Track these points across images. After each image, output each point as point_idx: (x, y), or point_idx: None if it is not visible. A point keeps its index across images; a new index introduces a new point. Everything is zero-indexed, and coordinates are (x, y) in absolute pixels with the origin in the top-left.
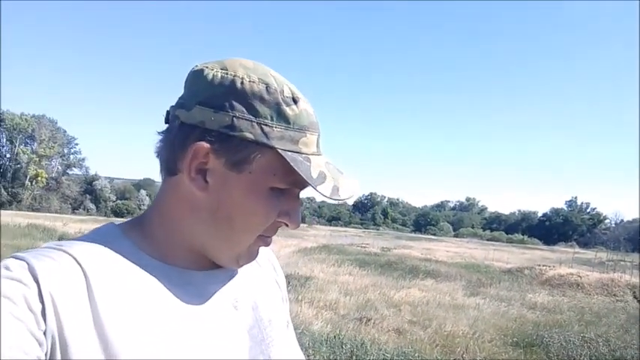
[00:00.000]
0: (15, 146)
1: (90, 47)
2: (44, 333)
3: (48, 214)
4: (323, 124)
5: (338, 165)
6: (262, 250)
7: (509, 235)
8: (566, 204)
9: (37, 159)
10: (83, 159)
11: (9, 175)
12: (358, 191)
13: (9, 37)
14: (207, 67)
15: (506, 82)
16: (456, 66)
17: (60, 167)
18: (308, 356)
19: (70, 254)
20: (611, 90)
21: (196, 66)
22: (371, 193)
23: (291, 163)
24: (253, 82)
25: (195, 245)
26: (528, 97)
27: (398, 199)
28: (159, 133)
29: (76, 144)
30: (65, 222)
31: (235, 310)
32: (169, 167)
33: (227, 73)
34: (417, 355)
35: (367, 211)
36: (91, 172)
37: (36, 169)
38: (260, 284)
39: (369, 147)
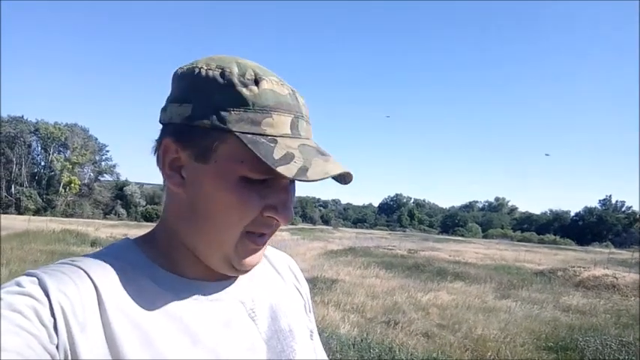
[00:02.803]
0: (49, 154)
1: (119, 56)
2: (57, 347)
3: (81, 219)
4: (346, 126)
5: (324, 149)
6: (282, 257)
7: (541, 236)
8: (599, 203)
9: (70, 166)
10: (114, 165)
11: (44, 182)
12: (336, 172)
13: (40, 49)
14: (180, 67)
15: (535, 79)
16: (483, 64)
17: (92, 174)
18: None
19: (81, 268)
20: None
21: None
22: (397, 195)
23: (249, 145)
24: (209, 69)
25: (191, 250)
26: (558, 94)
27: (424, 200)
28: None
29: (107, 151)
30: (97, 227)
31: (252, 321)
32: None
33: (191, 67)
34: (446, 359)
35: (393, 213)
36: (122, 178)
37: (69, 176)
38: (279, 293)
39: (394, 147)
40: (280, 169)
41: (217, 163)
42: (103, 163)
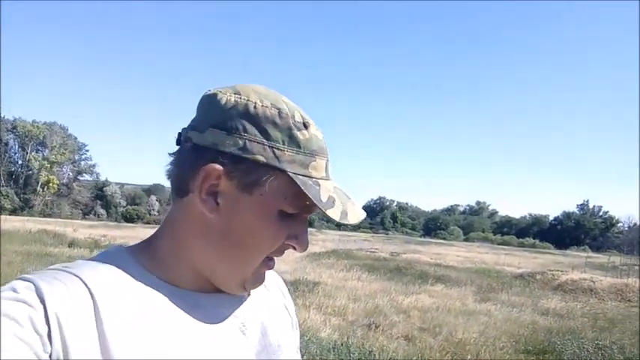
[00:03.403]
0: (27, 153)
1: (100, 55)
2: (50, 355)
3: (59, 219)
4: (331, 128)
5: (345, 190)
6: (270, 275)
7: (521, 240)
8: (577, 207)
9: (49, 165)
10: (94, 165)
11: (21, 181)
12: (363, 216)
13: (20, 46)
14: (220, 92)
15: (515, 84)
16: (464, 68)
17: (71, 173)
18: None
19: (77, 276)
20: (624, 91)
21: (209, 90)
22: (380, 197)
23: (302, 187)
24: (266, 106)
25: (203, 268)
26: (538, 99)
27: (407, 203)
28: (170, 154)
29: (87, 150)
30: (75, 227)
31: (243, 335)
32: (180, 188)
33: (240, 98)
34: None
35: (376, 216)
36: (102, 178)
37: (47, 176)
38: (269, 309)
39: (377, 151)
40: (329, 212)
41: (262, 196)
42: (82, 163)
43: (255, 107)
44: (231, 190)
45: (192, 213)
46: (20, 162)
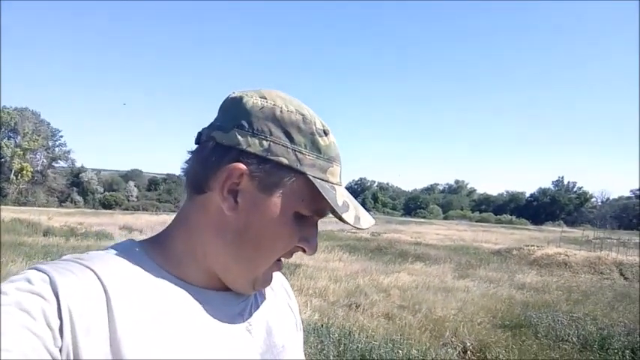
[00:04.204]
0: None
1: (72, 39)
2: (60, 349)
3: (35, 208)
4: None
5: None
6: (276, 275)
7: (498, 216)
8: (553, 184)
9: (22, 152)
10: (69, 151)
11: None
12: (373, 222)
13: None
14: (246, 95)
15: (492, 64)
16: (444, 49)
17: (45, 160)
18: None
19: (91, 269)
20: (598, 70)
21: (234, 93)
22: (361, 178)
23: (321, 190)
24: (291, 111)
25: (215, 266)
26: (515, 78)
27: (388, 184)
28: (189, 152)
29: (61, 136)
30: (51, 216)
31: (249, 334)
32: (198, 185)
33: (267, 102)
34: (405, 341)
35: (357, 196)
36: (77, 165)
37: (21, 163)
38: (274, 309)
39: (357, 132)
40: (344, 216)
41: (280, 197)
42: (56, 149)
43: (281, 111)
44: (251, 189)
45: (210, 210)
46: None
